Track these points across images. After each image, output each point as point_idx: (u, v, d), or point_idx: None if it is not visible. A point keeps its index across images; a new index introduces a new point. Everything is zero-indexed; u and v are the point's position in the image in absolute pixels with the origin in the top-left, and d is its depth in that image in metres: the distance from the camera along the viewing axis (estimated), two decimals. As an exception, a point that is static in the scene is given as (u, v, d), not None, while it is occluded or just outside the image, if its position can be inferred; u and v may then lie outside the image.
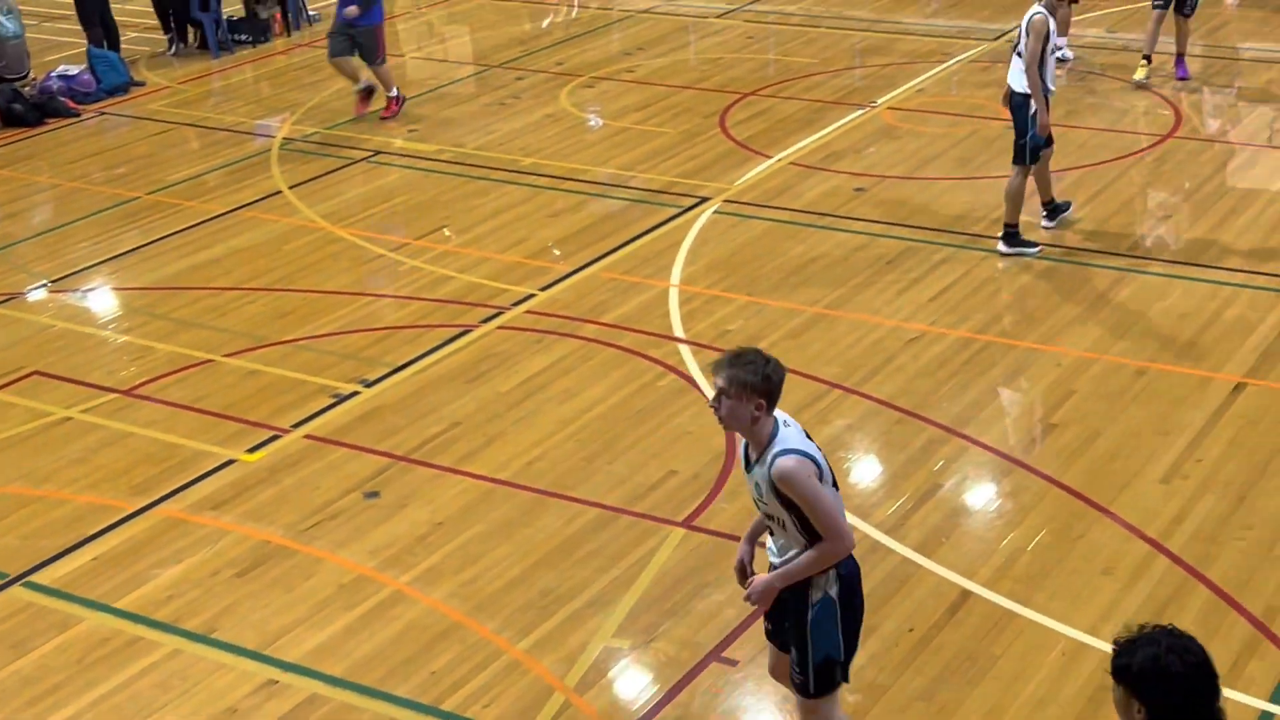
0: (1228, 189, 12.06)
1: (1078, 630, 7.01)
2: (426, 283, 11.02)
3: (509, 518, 8.11)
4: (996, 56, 15.56)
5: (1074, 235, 11.25)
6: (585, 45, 16.82)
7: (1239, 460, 8.31)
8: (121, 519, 8.25)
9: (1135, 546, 7.61)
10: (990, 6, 17.52)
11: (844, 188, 12.39)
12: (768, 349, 9.70)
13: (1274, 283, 10.35)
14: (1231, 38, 15.71)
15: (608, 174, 12.97)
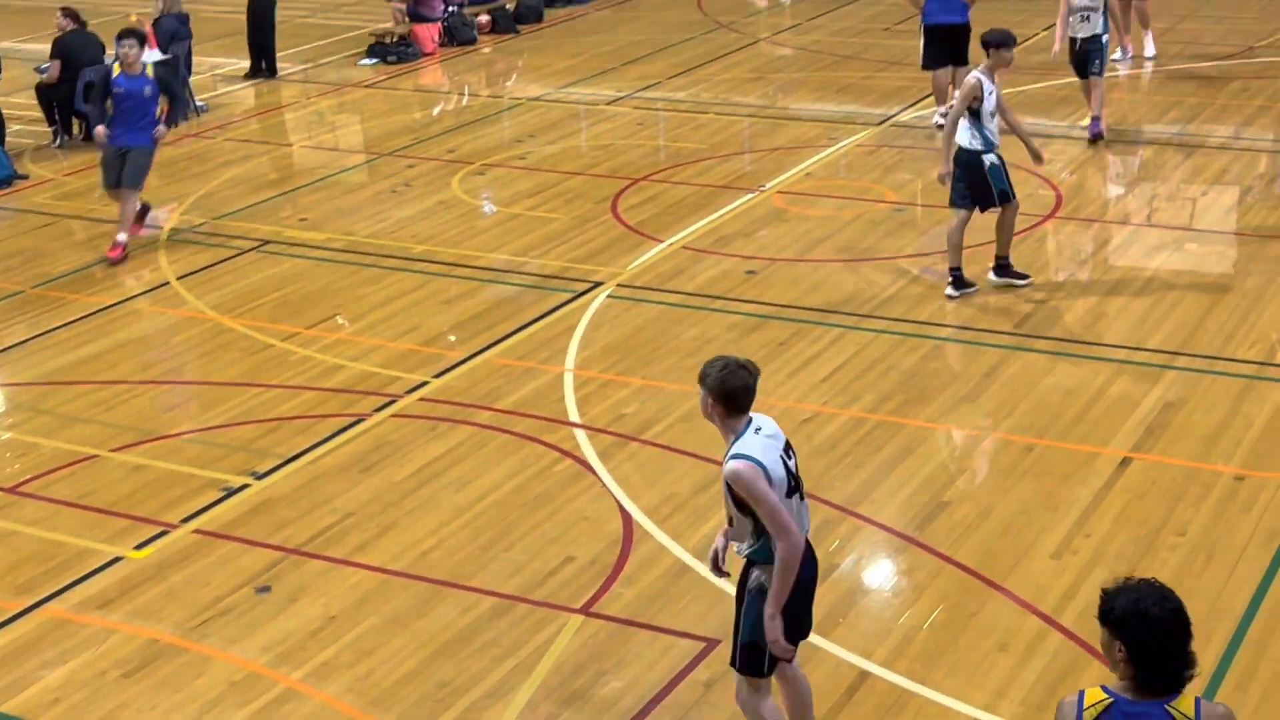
0: (1109, 267, 12.29)
1: (974, 708, 7.04)
2: (318, 372, 10.92)
3: (404, 609, 8.01)
4: (882, 140, 15.83)
5: (960, 314, 11.40)
6: (476, 132, 16.87)
7: (1127, 534, 8.42)
8: (4, 620, 8.03)
9: (1029, 622, 7.67)
10: (875, 92, 17.83)
11: (735, 271, 12.47)
12: (662, 432, 9.81)
13: (1155, 359, 10.54)
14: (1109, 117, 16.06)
15: (501, 260, 12.96)
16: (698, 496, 9.00)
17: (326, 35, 21.95)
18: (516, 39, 21.52)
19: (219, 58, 20.16)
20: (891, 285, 11.95)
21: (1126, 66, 18.20)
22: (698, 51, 20.19)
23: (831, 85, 18.21)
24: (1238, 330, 10.91)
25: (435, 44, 20.72)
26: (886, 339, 11.04)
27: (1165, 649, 4.53)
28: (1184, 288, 11.73)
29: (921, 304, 11.59)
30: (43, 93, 17.06)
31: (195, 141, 17.00)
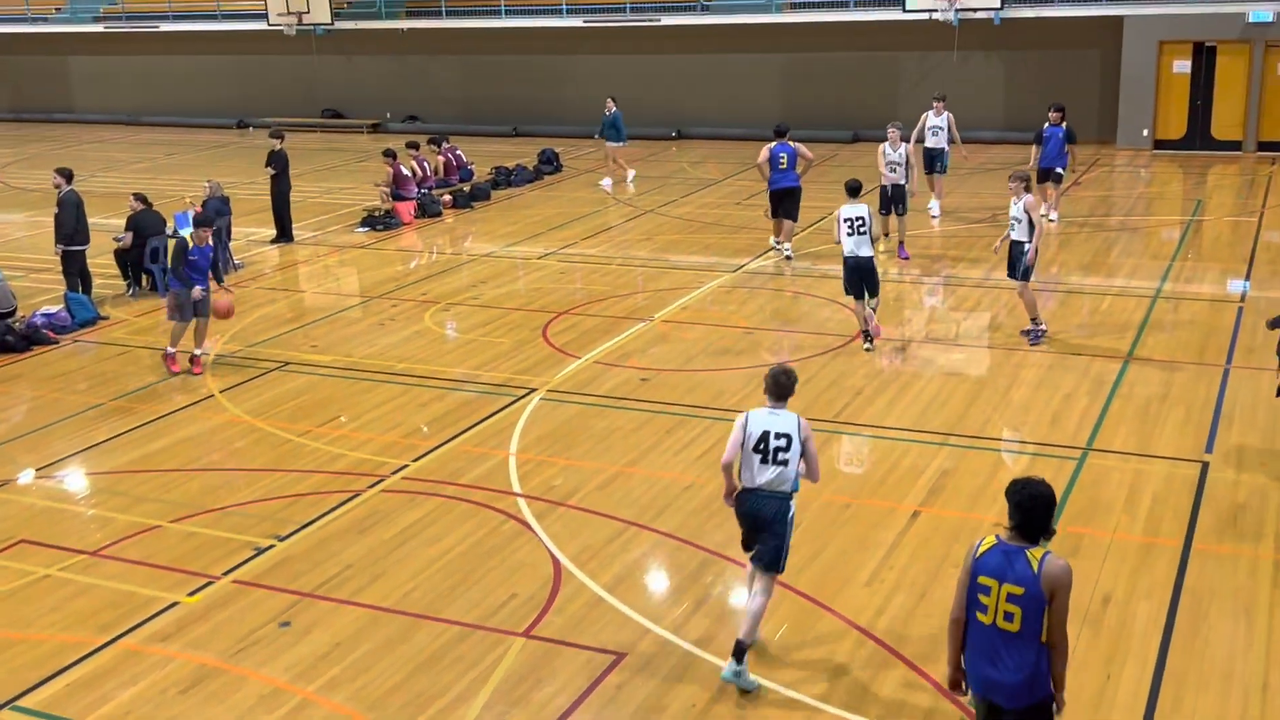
0: (899, 371, 12.47)
1: (811, 697, 7.03)
2: (325, 459, 10.78)
3: (391, 636, 7.89)
4: (736, 283, 16.00)
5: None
6: (443, 280, 16.86)
7: (919, 566, 8.50)
8: (89, 652, 7.82)
9: (850, 634, 7.69)
10: (730, 249, 18.05)
11: (633, 378, 12.52)
12: (582, 499, 9.75)
13: (935, 438, 10.67)
14: (889, 266, 16.38)
15: (461, 373, 12.91)
16: (609, 546, 8.96)
17: (331, 210, 21.89)
18: (472, 212, 21.60)
19: (251, 228, 20.01)
20: (745, 387, 12.04)
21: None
22: (603, 219, 20.39)
23: (699, 244, 18.42)
24: (992, 416, 11.11)
25: (412, 216, 20.74)
26: (743, 427, 11.11)
27: (1033, 513, 5.31)
28: (953, 386, 11.93)
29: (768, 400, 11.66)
30: (119, 256, 16.84)
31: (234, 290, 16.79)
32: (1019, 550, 5.33)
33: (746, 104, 27.76)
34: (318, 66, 32.78)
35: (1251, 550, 8.55)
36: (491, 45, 30.62)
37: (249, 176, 24.23)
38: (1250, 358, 12.30)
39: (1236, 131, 23.94)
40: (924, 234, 18.16)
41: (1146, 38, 23.98)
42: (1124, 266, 16.06)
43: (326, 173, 26.19)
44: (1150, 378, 11.87)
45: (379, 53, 32.08)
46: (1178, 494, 9.40)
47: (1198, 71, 24.00)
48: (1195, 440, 10.39)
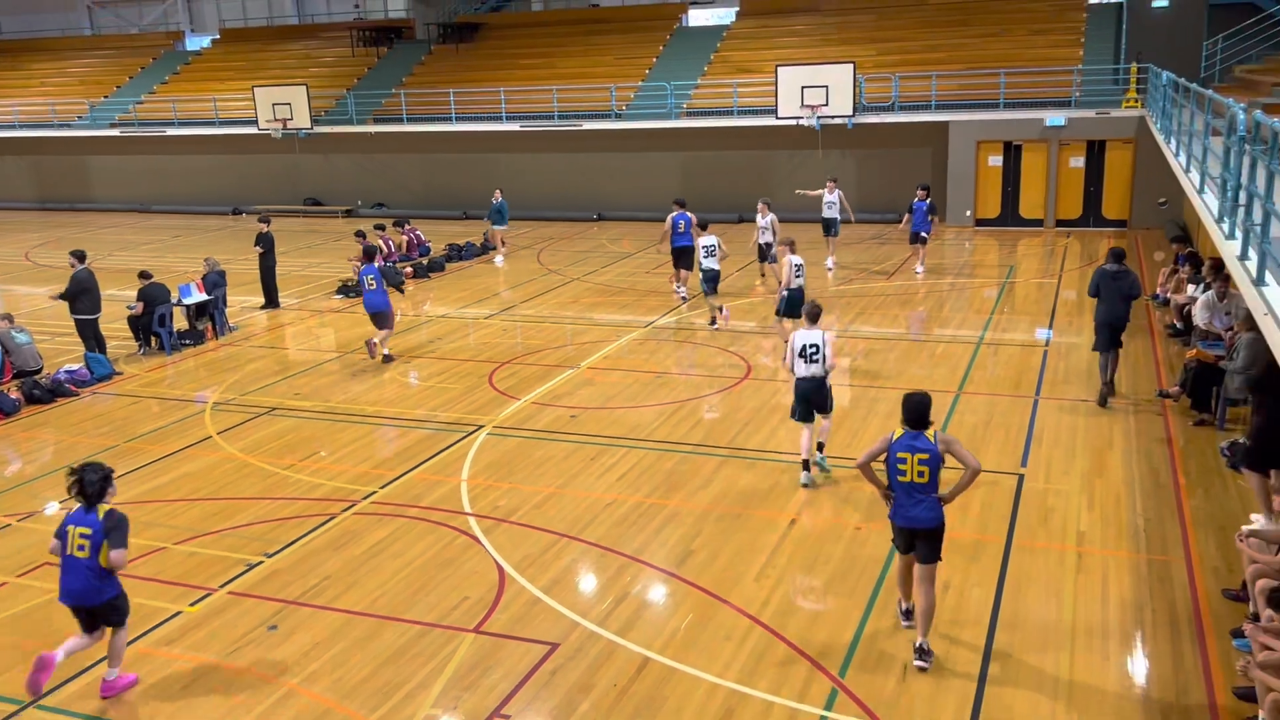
0: (779, 406, 12.53)
1: (713, 675, 7.01)
2: (307, 488, 10.55)
3: (364, 635, 7.72)
4: (647, 336, 16.04)
5: (694, 437, 11.53)
6: (405, 337, 16.66)
7: (797, 564, 8.54)
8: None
9: (743, 621, 7.69)
10: (642, 307, 18.11)
11: (564, 416, 12.46)
12: (521, 517, 9.66)
13: (808, 459, 10.79)
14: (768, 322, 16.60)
15: (421, 413, 12.75)
16: (545, 554, 8.89)
17: (311, 281, 21.55)
18: (429, 281, 21.43)
19: (244, 296, 19.62)
20: (655, 420, 12.06)
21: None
22: (538, 286, 20.35)
23: (616, 304, 18.45)
24: (852, 442, 11.24)
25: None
26: (654, 453, 11.10)
27: (919, 410, 6.97)
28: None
29: (674, 431, 11.71)
30: (131, 321, 16.41)
31: (229, 348, 16.46)
32: (919, 434, 6.97)
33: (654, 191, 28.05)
34: (300, 163, 32.44)
35: (1059, 545, 8.75)
36: (445, 145, 30.58)
37: (242, 254, 23.79)
38: (1054, 390, 12.65)
39: (1039, 211, 24.72)
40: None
41: (967, 138, 24.73)
42: (954, 319, 16.44)
43: (307, 250, 25.85)
44: (976, 407, 12.13)
45: (351, 151, 31.86)
46: (1000, 500, 9.60)
47: (1008, 164, 24.78)
48: (1013, 457, 10.63)
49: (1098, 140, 24.01)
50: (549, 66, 31.23)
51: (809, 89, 25.18)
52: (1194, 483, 9.77)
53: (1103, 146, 24.04)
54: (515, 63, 31.85)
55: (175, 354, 16.24)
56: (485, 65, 32.20)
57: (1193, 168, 12.60)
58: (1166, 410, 11.69)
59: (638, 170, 28.40)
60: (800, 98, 25.27)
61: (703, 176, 27.52)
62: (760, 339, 15.58)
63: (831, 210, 20.16)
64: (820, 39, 29.03)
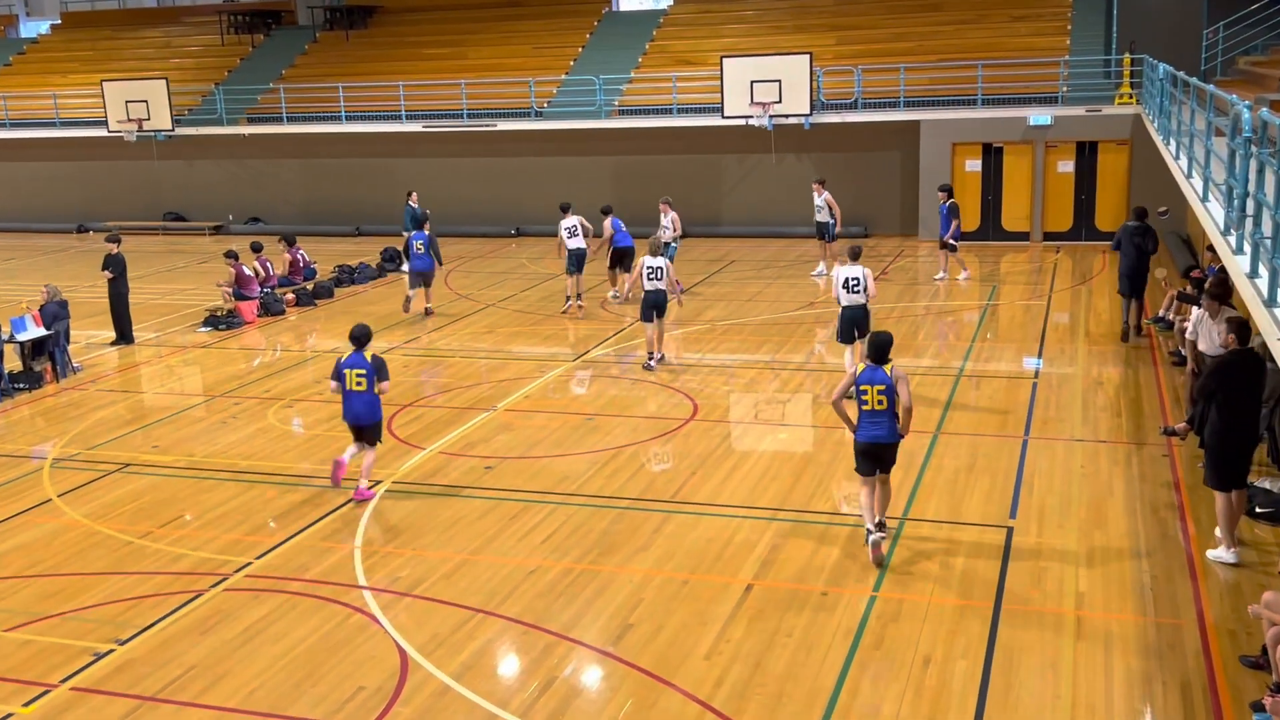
0: (731, 451, 12.65)
1: (657, 772, 6.94)
2: (168, 560, 10.30)
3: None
4: (575, 372, 16.05)
5: (633, 489, 11.53)
6: (286, 377, 16.44)
7: (754, 638, 8.55)
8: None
9: (692, 707, 7.66)
10: (569, 339, 18.16)
11: (478, 467, 12.38)
12: (428, 588, 9.54)
13: (764, 514, 10.82)
14: (720, 353, 16.72)
15: (306, 468, 12.57)
16: (456, 634, 8.77)
17: (173, 311, 21.20)
18: (315, 309, 21.21)
19: (91, 330, 19.22)
20: (587, 471, 12.04)
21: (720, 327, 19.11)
22: (446, 314, 20.24)
23: (539, 335, 18.46)
24: (816, 492, 11.34)
25: (255, 315, 20.25)
26: (586, 510, 11.08)
27: (881, 348, 9.63)
28: (780, 464, 12.15)
29: (609, 483, 11.70)
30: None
31: (73, 393, 16.08)
32: (878, 368, 9.67)
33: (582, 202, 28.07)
34: (159, 171, 31.98)
35: (1055, 607, 8.88)
36: (332, 149, 30.40)
37: (89, 280, 23.33)
38: (1046, 429, 12.90)
39: (1024, 224, 25.35)
40: (747, 322, 18.60)
41: (941, 140, 25.31)
42: (930, 348, 16.73)
43: (169, 274, 25.43)
44: (957, 450, 12.31)
45: (221, 157, 31.51)
46: (987, 559, 9.73)
47: (988, 170, 25.41)
48: (1000, 507, 10.80)
49: (1088, 141, 24.75)
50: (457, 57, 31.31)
51: (759, 84, 25.59)
52: (1205, 532, 10.01)
53: (1094, 149, 24.78)
54: (417, 52, 31.87)
55: (6, 400, 15.80)
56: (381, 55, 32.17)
57: (1194, 173, 13.03)
58: (1173, 449, 11.99)
59: (562, 178, 28.50)
60: (749, 94, 25.67)
61: (638, 185, 27.72)
62: (708, 374, 15.66)
63: (822, 214, 22.12)
64: (771, 26, 29.58)
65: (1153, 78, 21.09)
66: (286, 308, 20.99)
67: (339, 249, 27.44)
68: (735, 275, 22.88)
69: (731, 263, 24.30)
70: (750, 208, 27.63)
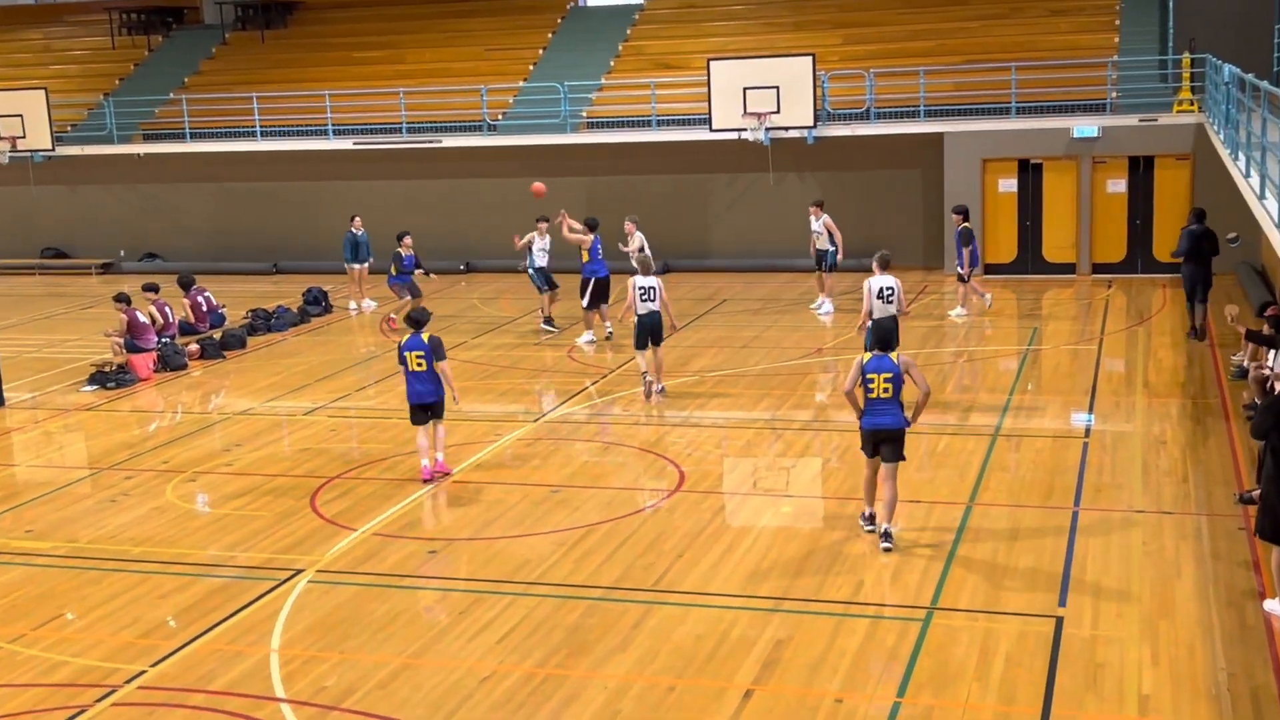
0: (724, 528, 12.62)
1: None
2: (43, 669, 10.16)
3: None
4: (538, 434, 16.05)
5: (607, 576, 11.48)
6: (188, 445, 16.36)
7: (755, 754, 8.49)
8: None
9: (680, 839, 7.58)
10: (530, 394, 18.16)
11: (420, 551, 12.32)
12: (360, 699, 9.47)
13: (766, 604, 10.80)
14: (711, 410, 16.75)
15: (211, 555, 12.47)
16: (393, 754, 8.68)
17: (52, 367, 21.11)
18: (224, 363, 21.16)
19: (-48, 389, 19.11)
20: (553, 554, 12.00)
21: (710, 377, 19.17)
22: (381, 367, 20.25)
23: (494, 390, 18.46)
24: (828, 576, 11.32)
25: (150, 370, 20.18)
26: (551, 601, 11.02)
27: (887, 338, 11.70)
28: (784, 543, 12.14)
29: (579, 568, 11.65)
30: None
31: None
32: (884, 355, 11.56)
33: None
34: (37, 198, 31.96)
35: (1115, 713, 8.87)
36: (246, 171, 30.48)
37: (-50, 328, 23.20)
38: (1100, 498, 12.95)
39: (1069, 254, 25.60)
40: (742, 373, 18.65)
41: (969, 156, 25.59)
42: (960, 402, 16.80)
43: (47, 322, 25.34)
44: (995, 524, 12.33)
45: (111, 181, 31.54)
46: (1032, 655, 9.72)
47: (1025, 190, 25.69)
48: (1046, 593, 10.80)
49: (1143, 156, 25.08)
50: (394, 61, 31.54)
51: (753, 91, 25.88)
52: (1292, 620, 10.03)
53: (1150, 164, 25.10)
54: (346, 56, 32.10)
55: None
56: (303, 59, 32.39)
57: (1268, 193, 13.20)
58: (1249, 520, 12.04)
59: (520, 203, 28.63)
60: (742, 103, 25.93)
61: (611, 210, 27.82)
62: (696, 435, 15.68)
63: (820, 240, 22.75)
64: (767, 23, 29.98)
65: (1217, 81, 21.43)
66: (189, 361, 20.93)
67: (253, 290, 27.43)
68: (727, 317, 22.98)
69: (723, 302, 24.42)
70: (744, 237, 27.82)
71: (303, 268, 29.79)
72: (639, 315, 17.01)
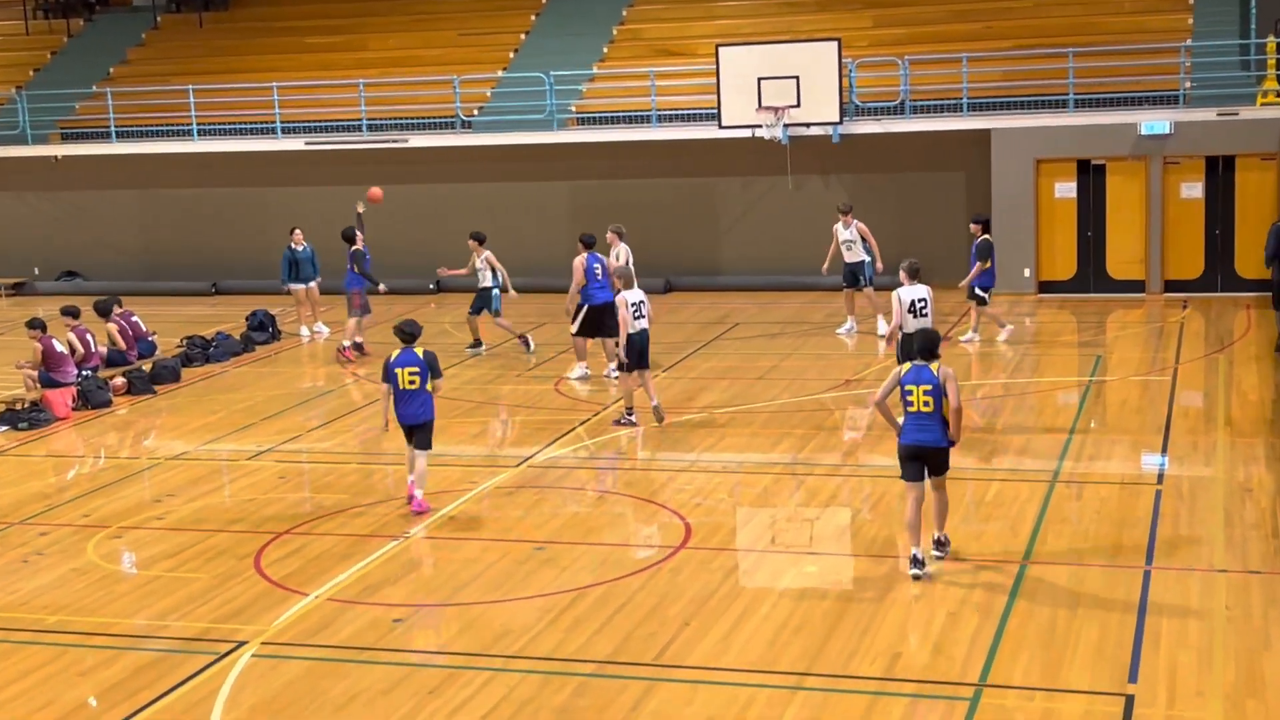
0: (738, 592, 12.58)
1: None
2: (-57, 759, 10.14)
3: None
4: (521, 481, 16.04)
5: (602, 649, 11.44)
6: (114, 495, 16.34)
7: None
8: None
9: None
10: (512, 434, 18.14)
11: (383, 619, 12.28)
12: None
13: (786, 680, 10.76)
14: (721, 452, 16.75)
15: (140, 625, 12.43)
16: None
17: (-45, 403, 21.13)
18: (154, 399, 21.17)
19: None
20: (538, 623, 11.95)
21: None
22: (339, 403, 20.26)
23: (469, 430, 18.46)
24: (859, 647, 11.29)
25: (69, 408, 20.19)
26: (536, 678, 10.97)
27: (929, 347, 12.29)
28: (808, 609, 12.10)
29: (568, 640, 11.62)
30: None
31: None
32: (924, 366, 12.16)
33: (527, 244, 28.28)
34: (-63, 207, 32.05)
35: (1194, 806, 8.83)
36: (181, 176, 30.57)
37: None
38: (1175, 555, 12.92)
39: (1137, 269, 25.65)
40: (758, 409, 18.66)
41: (1020, 156, 25.69)
42: (1011, 443, 16.80)
43: (-52, 351, 25.34)
44: (1053, 587, 12.29)
45: (23, 188, 31.63)
46: (1098, 737, 9.68)
47: (1085, 196, 25.76)
48: (1115, 666, 10.76)
49: (1222, 156, 25.16)
50: (353, 48, 31.69)
51: (770, 81, 25.99)
52: (1401, 697, 10.00)
53: (1230, 165, 25.19)
54: (298, 42, 32.25)
55: None
56: (247, 46, 32.54)
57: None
58: (1351, 581, 12.02)
59: (499, 211, 28.74)
60: (757, 95, 26.03)
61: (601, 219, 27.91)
62: (705, 482, 15.67)
63: (853, 251, 22.67)
64: (785, 2, 30.14)
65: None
66: (114, 397, 20.95)
67: (189, 313, 27.47)
68: (740, 344, 23.00)
69: (734, 326, 24.44)
70: (758, 250, 27.88)
71: (246, 288, 29.84)
72: (630, 335, 17.40)
